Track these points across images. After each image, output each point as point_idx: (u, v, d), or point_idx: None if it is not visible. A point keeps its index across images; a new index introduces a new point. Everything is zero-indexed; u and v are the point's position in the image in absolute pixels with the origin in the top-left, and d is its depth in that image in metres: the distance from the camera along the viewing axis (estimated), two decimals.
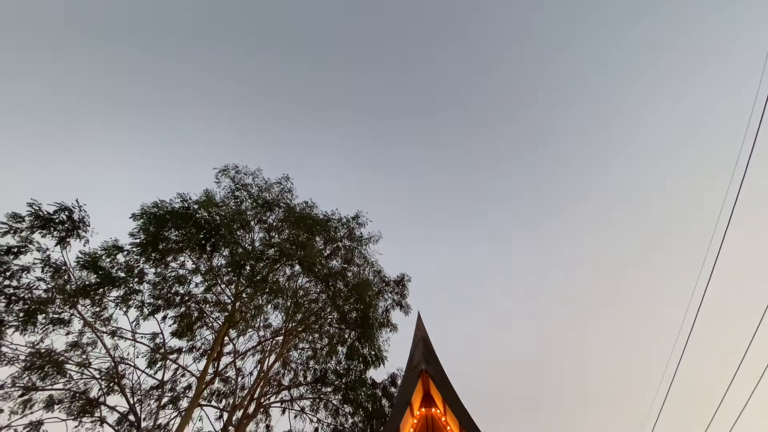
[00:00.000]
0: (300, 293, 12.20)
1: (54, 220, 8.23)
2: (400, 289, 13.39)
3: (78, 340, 9.89)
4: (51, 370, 9.21)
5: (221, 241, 9.37)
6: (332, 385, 12.11)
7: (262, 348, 12.53)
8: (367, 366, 12.00)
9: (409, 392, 8.05)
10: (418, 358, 8.96)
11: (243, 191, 11.23)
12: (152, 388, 10.86)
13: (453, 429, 7.49)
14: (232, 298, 10.82)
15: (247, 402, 10.80)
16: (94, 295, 9.47)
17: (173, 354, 11.28)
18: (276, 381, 12.51)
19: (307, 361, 12.84)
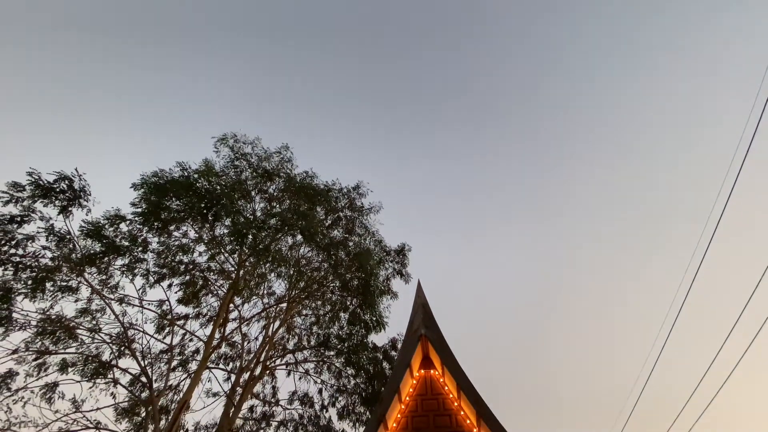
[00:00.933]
0: (302, 262, 12.40)
1: (55, 190, 8.22)
2: (401, 259, 13.60)
3: (87, 306, 10.15)
4: (62, 335, 9.51)
5: (222, 211, 9.40)
6: (335, 349, 12.55)
7: (266, 314, 12.89)
8: (368, 331, 12.39)
9: (409, 355, 8.35)
10: (417, 323, 9.22)
11: (242, 161, 11.14)
12: (162, 352, 11.27)
13: (451, 389, 7.83)
14: (236, 266, 11.00)
15: (254, 365, 11.24)
16: (99, 263, 9.63)
17: (180, 320, 11.62)
18: (281, 345, 12.96)
19: (310, 326, 13.24)
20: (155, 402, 9.48)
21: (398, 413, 7.56)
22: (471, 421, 7.18)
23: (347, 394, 12.13)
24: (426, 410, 7.65)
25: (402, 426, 7.39)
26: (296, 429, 11.66)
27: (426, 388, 8.09)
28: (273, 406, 11.88)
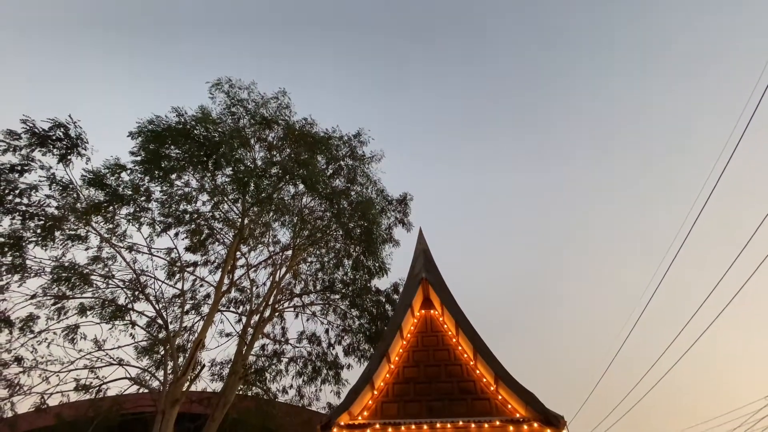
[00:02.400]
0: (305, 212, 12.52)
1: (51, 138, 8.12)
2: (403, 208, 13.70)
3: (98, 254, 10.46)
4: (77, 281, 9.90)
5: (222, 159, 9.33)
6: (340, 293, 13.10)
7: (272, 262, 13.28)
8: (371, 276, 12.83)
9: (410, 296, 8.70)
10: (418, 267, 9.49)
11: (239, 107, 10.83)
12: (174, 296, 11.79)
13: (449, 327, 8.25)
14: (240, 215, 11.14)
15: (263, 308, 11.80)
16: (105, 212, 9.76)
17: (189, 267, 12.02)
18: (288, 290, 13.50)
19: (315, 272, 13.70)
20: (172, 341, 10.10)
21: (400, 348, 8.05)
22: (468, 355, 7.65)
23: (352, 333, 12.85)
24: (426, 346, 8.12)
25: (403, 360, 7.90)
26: (305, 365, 12.50)
27: (426, 326, 8.52)
28: (283, 345, 12.65)
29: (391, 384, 7.46)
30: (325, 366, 12.43)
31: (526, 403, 6.28)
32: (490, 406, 6.79)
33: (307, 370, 12.40)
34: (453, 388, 7.19)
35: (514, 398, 6.52)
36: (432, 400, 7.01)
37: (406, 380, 7.49)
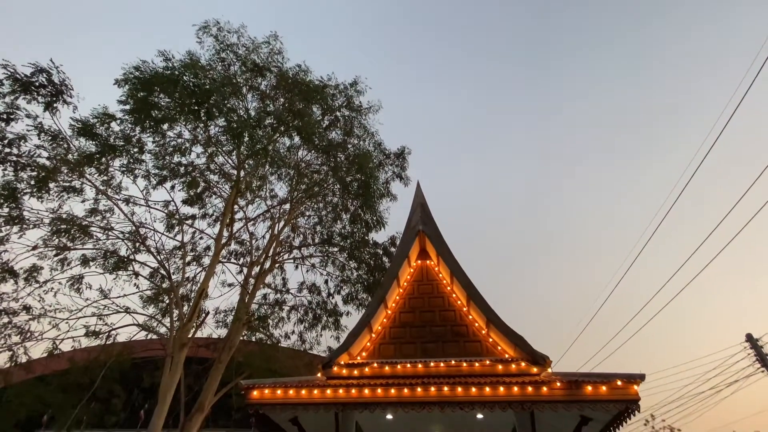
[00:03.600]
0: (302, 165, 12.39)
1: (34, 84, 7.78)
2: (401, 162, 13.56)
3: (95, 207, 10.45)
4: (77, 232, 9.98)
5: (215, 108, 9.03)
6: (338, 246, 13.33)
7: (271, 215, 13.36)
8: (369, 230, 13.00)
9: (407, 248, 8.89)
10: (416, 220, 9.60)
11: (229, 52, 10.30)
12: (175, 248, 11.96)
13: (444, 276, 8.51)
14: (236, 168, 11.02)
15: (263, 260, 12.04)
16: (98, 163, 9.62)
17: (188, 220, 12.08)
18: (287, 243, 13.71)
19: (314, 226, 13.85)
20: (176, 291, 10.41)
21: (397, 295, 8.36)
22: (461, 301, 7.97)
23: (351, 283, 13.26)
24: (422, 293, 8.43)
25: (400, 306, 8.23)
26: (306, 312, 13.02)
27: (422, 276, 8.79)
28: (284, 294, 13.08)
29: (388, 328, 7.83)
30: (325, 313, 12.95)
31: (514, 344, 6.64)
32: (481, 348, 7.18)
33: (308, 317, 12.93)
34: (446, 332, 7.56)
35: (504, 340, 6.88)
36: (426, 342, 7.40)
37: (402, 324, 7.85)
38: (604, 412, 5.59)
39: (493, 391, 5.52)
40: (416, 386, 5.68)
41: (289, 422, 6.54)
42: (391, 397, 5.64)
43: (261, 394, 5.86)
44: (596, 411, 5.52)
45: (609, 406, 5.36)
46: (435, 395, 5.59)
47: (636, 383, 5.36)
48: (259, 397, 5.84)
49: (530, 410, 5.73)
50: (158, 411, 8.20)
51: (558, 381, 5.50)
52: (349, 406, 5.74)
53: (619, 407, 5.35)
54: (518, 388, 5.50)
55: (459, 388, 5.59)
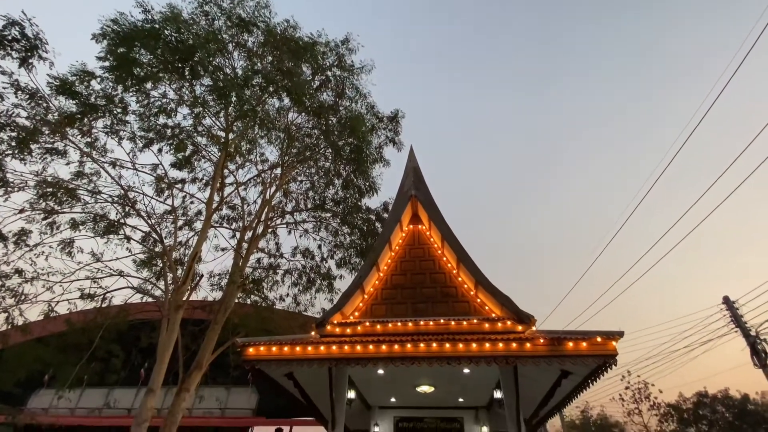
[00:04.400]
0: (292, 129, 12.11)
1: (6, 38, 7.32)
2: (394, 126, 13.31)
3: (80, 170, 10.22)
4: (64, 196, 9.81)
5: (200, 66, 8.65)
6: (331, 211, 13.33)
7: (262, 180, 13.20)
8: (361, 195, 12.97)
9: (399, 212, 8.94)
10: (408, 185, 9.59)
11: (212, 5, 9.72)
12: (166, 212, 11.86)
13: (435, 240, 8.63)
14: (224, 130, 10.74)
15: (255, 224, 12.04)
16: (80, 124, 9.30)
17: (178, 184, 11.90)
18: (279, 208, 13.67)
19: (306, 191, 13.76)
20: (169, 254, 10.44)
21: (389, 259, 8.50)
22: (452, 264, 8.14)
23: (344, 248, 13.39)
24: (413, 257, 8.58)
25: (392, 269, 8.39)
26: (300, 276, 13.22)
27: (414, 240, 8.90)
28: (278, 259, 13.21)
29: (380, 289, 8.02)
30: (319, 277, 13.16)
31: (501, 304, 6.87)
32: (469, 308, 7.43)
33: (302, 280, 13.14)
34: (436, 293, 7.78)
35: (492, 301, 7.11)
36: (417, 302, 7.62)
37: (394, 286, 8.04)
38: (583, 367, 5.91)
39: (479, 347, 5.77)
40: (406, 342, 5.90)
41: (285, 377, 6.82)
42: (382, 353, 5.88)
43: (256, 351, 6.07)
44: (576, 365, 5.83)
45: (588, 360, 5.65)
46: (424, 351, 5.84)
47: (615, 339, 5.64)
48: (254, 354, 6.05)
49: (514, 365, 6.03)
50: (157, 369, 8.46)
51: (541, 338, 5.75)
52: (342, 361, 5.98)
53: (598, 362, 5.65)
54: (503, 344, 5.75)
55: (447, 344, 5.84)
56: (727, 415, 39.02)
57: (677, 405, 41.90)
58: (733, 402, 39.22)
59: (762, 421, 37.13)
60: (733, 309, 13.87)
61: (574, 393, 7.01)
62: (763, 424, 36.97)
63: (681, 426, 40.89)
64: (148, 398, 8.01)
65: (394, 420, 9.25)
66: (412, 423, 9.17)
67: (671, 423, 41.84)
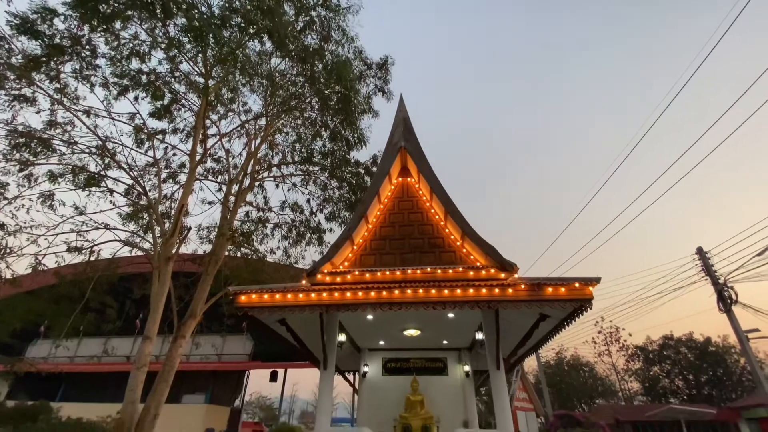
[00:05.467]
0: (276, 76, 11.53)
1: None
2: (383, 74, 12.78)
3: (53, 118, 9.71)
4: (38, 146, 9.40)
5: (172, 3, 7.97)
6: (319, 164, 13.13)
7: (246, 131, 12.79)
8: (350, 148, 12.74)
9: (389, 164, 8.85)
10: (398, 136, 9.41)
11: None
12: (148, 165, 11.53)
13: (424, 192, 8.66)
14: (203, 76, 10.18)
15: (242, 177, 11.83)
16: (47, 68, 8.69)
17: (158, 135, 11.46)
18: (266, 161, 13.40)
19: (292, 144, 13.43)
20: (155, 207, 10.30)
21: (377, 211, 8.56)
22: (440, 216, 8.25)
23: (333, 202, 13.39)
24: (402, 209, 8.64)
25: (380, 221, 8.48)
26: (290, 230, 13.29)
27: (403, 193, 8.91)
28: (266, 213, 13.17)
29: (369, 241, 8.14)
30: (309, 231, 13.26)
31: (486, 254, 7.08)
32: (455, 257, 7.65)
33: (292, 234, 13.24)
34: (424, 244, 7.95)
35: (477, 250, 7.31)
36: (405, 253, 7.80)
37: (383, 238, 8.16)
38: (560, 311, 6.26)
39: (463, 293, 6.03)
40: (394, 289, 6.12)
41: (278, 323, 7.09)
42: (371, 299, 6.11)
43: (248, 299, 6.23)
44: (554, 309, 6.17)
45: (566, 304, 5.97)
46: (411, 296, 6.08)
47: (592, 285, 5.93)
48: (246, 301, 6.22)
49: (496, 309, 6.35)
50: (151, 318, 8.68)
51: (522, 284, 6.02)
52: (333, 307, 6.20)
53: (575, 305, 5.97)
54: (486, 290, 6.02)
55: (433, 290, 6.08)
56: (689, 356, 42.57)
57: (644, 347, 45.40)
58: (696, 344, 42.62)
59: (720, 362, 40.70)
60: (705, 259, 14.62)
61: (550, 335, 7.50)
62: (722, 364, 40.57)
63: (646, 365, 44.62)
64: (145, 345, 8.30)
65: (383, 361, 9.85)
66: (399, 363, 9.79)
67: (637, 362, 45.57)
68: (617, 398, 45.69)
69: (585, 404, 44.62)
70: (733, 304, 13.65)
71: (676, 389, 42.64)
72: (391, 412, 8.92)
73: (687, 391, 41.38)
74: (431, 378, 9.65)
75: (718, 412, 23.93)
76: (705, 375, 41.28)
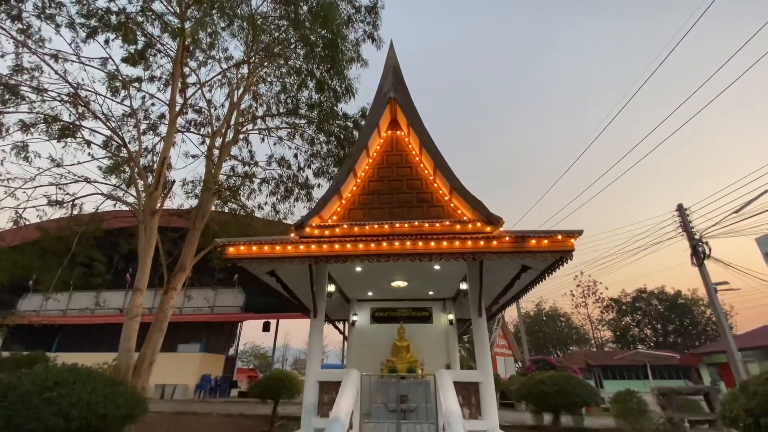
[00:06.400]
0: (258, 19, 10.78)
1: None
2: (372, 19, 12.07)
3: (18, 62, 9.06)
4: (5, 93, 8.84)
5: None
6: (305, 117, 12.72)
7: (228, 80, 12.18)
8: (337, 99, 12.29)
9: (377, 116, 8.62)
10: (387, 86, 9.08)
11: None
12: (126, 115, 11.02)
13: (414, 146, 8.54)
14: (178, 17, 9.47)
15: (225, 130, 11.44)
16: (6, 6, 7.95)
17: (134, 82, 10.84)
18: (250, 113, 12.91)
19: (277, 95, 12.89)
20: (136, 160, 9.98)
21: (366, 165, 8.46)
22: (428, 171, 8.21)
23: (321, 158, 13.15)
24: (390, 164, 8.55)
25: (369, 175, 8.41)
26: (277, 185, 13.13)
27: (392, 146, 8.78)
28: (252, 167, 12.91)
29: (358, 195, 8.13)
30: (297, 186, 13.13)
31: (473, 208, 7.16)
32: (443, 212, 7.73)
33: (280, 190, 13.10)
34: (412, 198, 7.98)
35: (464, 205, 7.39)
36: (393, 207, 7.84)
37: (371, 192, 8.15)
38: (542, 262, 6.49)
39: (449, 245, 6.17)
40: (382, 241, 6.22)
41: (268, 275, 7.21)
42: (360, 251, 6.21)
43: (237, 250, 6.28)
44: (536, 260, 6.39)
45: (548, 256, 6.18)
46: (398, 249, 6.20)
47: (574, 237, 6.11)
48: (235, 253, 6.27)
49: (480, 260, 6.55)
50: (141, 271, 8.73)
51: (507, 236, 6.17)
52: (322, 258, 6.31)
53: (556, 257, 6.19)
54: (471, 242, 6.16)
55: (420, 243, 6.20)
56: (659, 307, 45.40)
57: (618, 299, 48.10)
58: (667, 297, 45.33)
59: (687, 313, 43.58)
60: (684, 215, 15.11)
61: (530, 285, 7.84)
62: (688, 315, 43.45)
63: (618, 316, 47.57)
64: (136, 296, 8.41)
65: (371, 310, 10.24)
66: (387, 313, 10.20)
67: (611, 313, 48.48)
68: (590, 345, 49.10)
69: (560, 350, 47.92)
70: (705, 258, 14.34)
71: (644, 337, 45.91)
72: (378, 356, 9.43)
73: (654, 339, 44.63)
74: (417, 326, 10.13)
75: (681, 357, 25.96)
76: (672, 325, 44.37)
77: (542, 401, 10.60)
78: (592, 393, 10.54)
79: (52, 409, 4.03)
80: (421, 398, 7.38)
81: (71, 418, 4.06)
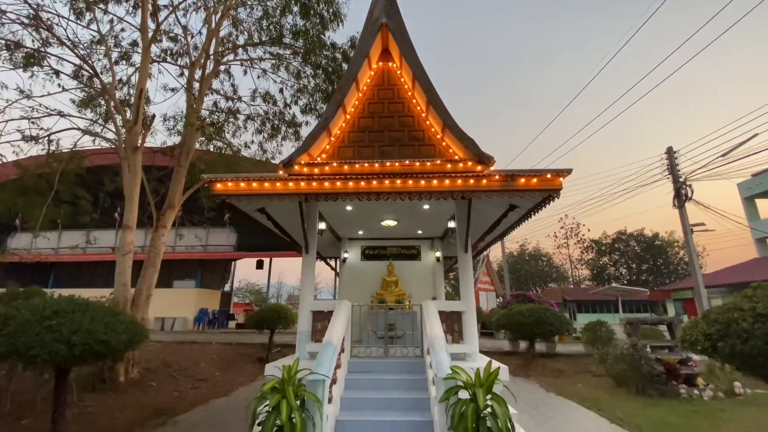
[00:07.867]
0: None
1: None
2: None
3: None
4: None
5: None
6: (290, 47, 11.87)
7: (204, 4, 11.11)
8: (324, 26, 11.41)
9: (368, 45, 8.07)
10: (379, 11, 8.39)
11: None
12: (94, 41, 10.14)
13: (406, 80, 8.15)
14: None
15: (204, 60, 10.69)
16: None
17: (99, 3, 9.82)
18: (230, 42, 11.98)
19: (259, 21, 11.87)
20: (110, 92, 9.39)
21: (356, 100, 8.10)
22: (421, 107, 7.93)
23: (308, 93, 12.53)
24: (381, 99, 8.20)
25: (359, 111, 8.10)
26: (263, 123, 12.63)
27: (383, 80, 8.36)
28: (236, 102, 12.30)
29: (347, 132, 7.89)
30: (284, 124, 12.66)
31: (465, 147, 7.05)
32: (434, 151, 7.62)
33: (266, 128, 12.63)
34: (404, 136, 7.79)
35: (456, 144, 7.27)
36: (384, 145, 7.67)
37: (361, 129, 7.91)
38: (530, 201, 6.60)
39: (439, 183, 6.18)
40: (372, 179, 6.19)
41: (258, 212, 7.22)
42: (350, 189, 6.20)
43: (225, 186, 6.20)
44: (524, 199, 6.48)
45: (536, 194, 6.26)
46: (388, 187, 6.20)
47: (563, 176, 6.15)
48: (223, 189, 6.20)
49: (469, 198, 6.62)
50: (128, 208, 8.65)
51: (497, 175, 6.18)
52: (312, 196, 6.30)
53: (544, 195, 6.28)
54: (461, 181, 6.17)
55: (410, 181, 6.19)
56: (636, 248, 47.58)
57: (599, 240, 50.12)
58: (645, 239, 47.32)
59: (662, 253, 45.85)
60: (672, 158, 15.22)
61: (516, 223, 8.05)
62: (662, 255, 45.75)
63: (597, 256, 49.90)
64: (126, 233, 8.43)
65: (362, 248, 10.52)
66: (377, 251, 10.50)
67: (591, 254, 50.80)
68: (568, 283, 52.10)
69: (539, 287, 50.85)
70: (687, 200, 14.75)
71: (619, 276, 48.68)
72: (368, 290, 9.89)
73: (628, 278, 47.41)
74: (405, 263, 10.51)
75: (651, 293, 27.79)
76: (646, 264, 46.89)
77: (520, 330, 11.47)
78: (565, 323, 11.41)
79: (54, 335, 4.20)
80: (408, 326, 7.90)
81: (73, 344, 4.25)
